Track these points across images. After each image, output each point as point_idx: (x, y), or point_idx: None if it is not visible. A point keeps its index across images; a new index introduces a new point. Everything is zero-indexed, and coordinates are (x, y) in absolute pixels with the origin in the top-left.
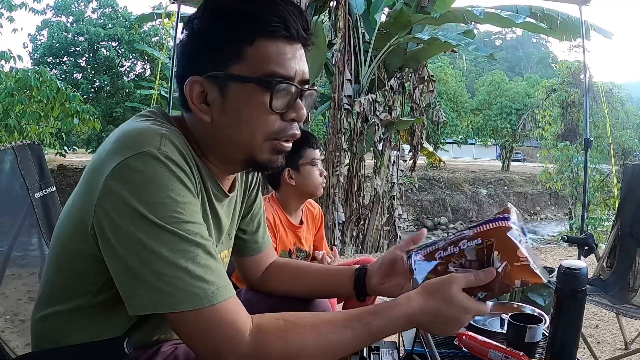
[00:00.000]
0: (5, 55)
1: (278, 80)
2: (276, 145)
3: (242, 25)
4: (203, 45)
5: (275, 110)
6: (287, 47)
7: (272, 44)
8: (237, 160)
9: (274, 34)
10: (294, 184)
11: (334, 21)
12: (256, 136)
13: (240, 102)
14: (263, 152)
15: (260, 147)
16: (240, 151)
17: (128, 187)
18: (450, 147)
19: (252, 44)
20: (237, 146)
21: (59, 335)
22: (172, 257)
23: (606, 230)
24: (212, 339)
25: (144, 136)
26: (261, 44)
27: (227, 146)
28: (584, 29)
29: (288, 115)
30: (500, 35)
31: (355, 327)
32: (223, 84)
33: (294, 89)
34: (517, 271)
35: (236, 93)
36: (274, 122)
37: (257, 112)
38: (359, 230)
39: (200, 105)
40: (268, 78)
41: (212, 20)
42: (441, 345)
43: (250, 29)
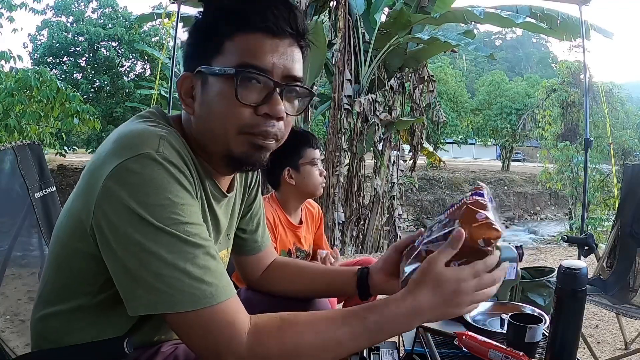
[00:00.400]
0: (5, 55)
1: (245, 70)
2: (252, 139)
3: (223, 19)
4: (193, 42)
5: (244, 101)
6: (266, 40)
7: (251, 37)
8: (217, 154)
9: (252, 28)
10: (294, 184)
11: (334, 21)
12: (227, 128)
13: (213, 94)
14: (238, 146)
15: (235, 141)
16: (217, 145)
17: (126, 189)
18: (450, 147)
19: (230, 37)
20: (213, 139)
21: (59, 335)
22: (171, 259)
23: (606, 230)
24: (211, 340)
25: (142, 138)
26: (240, 37)
27: (206, 139)
28: (584, 29)
29: (261, 109)
30: (500, 35)
31: (352, 324)
32: (205, 78)
33: (269, 82)
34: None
35: (212, 85)
36: (245, 115)
37: (226, 102)
38: (359, 230)
39: (186, 99)
40: (240, 69)
41: (201, 18)
42: (441, 345)
43: (229, 23)
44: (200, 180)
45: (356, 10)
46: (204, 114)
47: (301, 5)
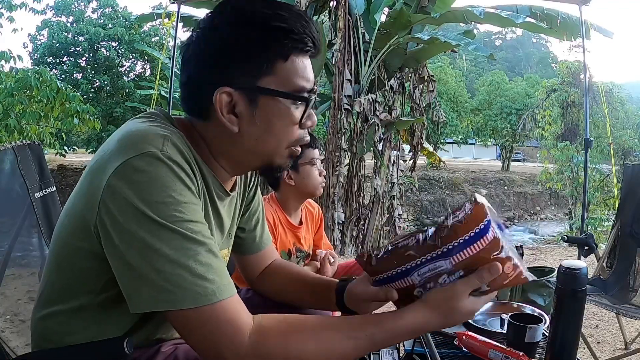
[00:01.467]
0: (5, 55)
1: (308, 96)
2: (292, 151)
3: (278, 40)
4: (232, 55)
5: (298, 121)
6: (307, 61)
7: (300, 59)
8: (253, 165)
9: (303, 51)
10: (294, 184)
11: (334, 21)
12: (281, 146)
13: (271, 115)
14: (282, 158)
15: (281, 154)
16: (262, 159)
17: (131, 187)
18: (450, 147)
19: (286, 59)
20: (259, 155)
21: (60, 335)
22: (174, 255)
23: (606, 230)
24: (213, 337)
25: (146, 137)
26: (292, 59)
27: (249, 154)
28: (584, 29)
29: (306, 124)
30: (500, 35)
31: (358, 337)
32: (253, 96)
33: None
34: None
35: (267, 106)
36: (297, 132)
37: (287, 124)
38: (359, 230)
39: (229, 116)
40: (297, 93)
41: (245, 32)
42: (441, 345)
43: (286, 45)
44: (203, 179)
45: (356, 10)
46: (257, 133)
47: (301, 5)
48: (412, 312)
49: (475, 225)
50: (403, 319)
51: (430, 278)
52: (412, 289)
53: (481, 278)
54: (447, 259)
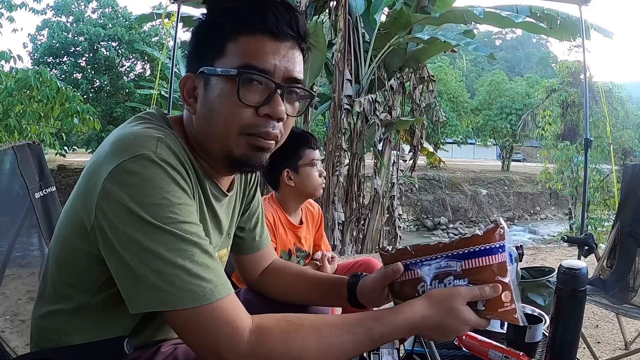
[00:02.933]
0: (5, 55)
1: (247, 71)
2: (252, 140)
3: (225, 21)
4: (196, 43)
5: (245, 102)
6: (268, 42)
7: (253, 39)
8: (218, 156)
9: (255, 30)
10: (293, 185)
11: (334, 21)
12: (228, 128)
13: (215, 94)
14: (239, 147)
15: (236, 142)
16: (218, 145)
17: (125, 190)
18: (450, 147)
19: (233, 39)
20: (214, 139)
21: (59, 334)
22: (170, 256)
23: (606, 230)
24: (211, 337)
25: (140, 140)
26: (242, 39)
27: (207, 139)
28: (584, 29)
29: (262, 110)
30: (500, 35)
31: (357, 332)
32: (207, 79)
33: (270, 84)
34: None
35: (214, 86)
36: (246, 116)
37: (228, 103)
38: (359, 230)
39: (188, 99)
40: (242, 70)
41: (204, 19)
42: (441, 345)
43: (232, 25)
44: (199, 180)
45: (356, 10)
46: (206, 114)
47: (301, 5)
48: (411, 306)
49: (492, 241)
50: (401, 313)
51: (437, 275)
52: (417, 283)
53: (482, 291)
54: (458, 262)
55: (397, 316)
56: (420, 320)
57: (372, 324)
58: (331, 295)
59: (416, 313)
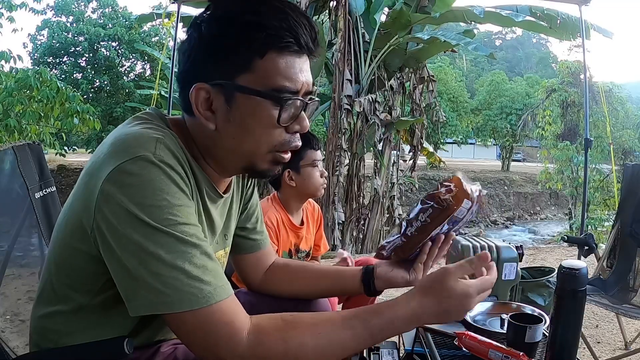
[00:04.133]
0: (5, 55)
1: (287, 97)
2: (277, 156)
3: (254, 36)
4: (211, 51)
5: (282, 124)
6: (295, 60)
7: (282, 57)
8: (236, 167)
9: (285, 48)
10: (294, 185)
11: (334, 21)
12: (260, 148)
13: (246, 114)
14: (264, 162)
15: (263, 158)
16: (242, 160)
17: (124, 191)
18: (450, 147)
19: (262, 56)
20: (239, 155)
21: (59, 335)
22: (170, 258)
23: (606, 230)
24: (210, 339)
25: (139, 141)
26: (271, 57)
27: (229, 154)
28: (584, 29)
29: (292, 127)
30: (500, 35)
31: (355, 326)
32: (229, 94)
33: (299, 102)
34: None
35: (243, 104)
36: (278, 135)
37: (264, 125)
38: (359, 230)
39: (205, 112)
40: (277, 93)
41: (222, 28)
42: (441, 345)
43: (262, 42)
44: (196, 182)
45: (356, 10)
46: (233, 132)
47: (301, 5)
48: (406, 298)
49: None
50: (398, 304)
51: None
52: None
53: (471, 263)
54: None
55: (393, 307)
56: (418, 308)
57: (369, 316)
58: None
59: (412, 302)
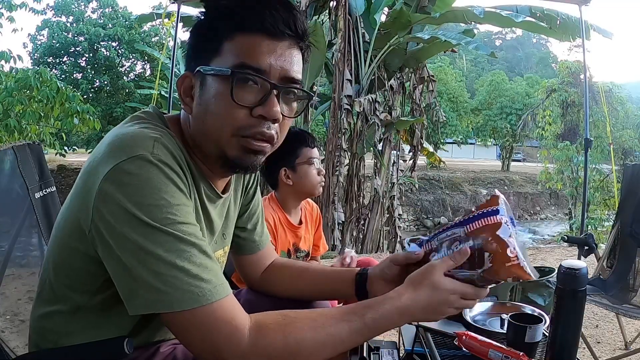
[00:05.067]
0: (5, 55)
1: (241, 71)
2: (245, 142)
3: (222, 20)
4: (193, 42)
5: (240, 102)
6: (264, 41)
7: (248, 38)
8: (212, 155)
9: (251, 29)
10: (291, 184)
11: (334, 21)
12: (223, 129)
13: (210, 94)
14: (232, 148)
15: (228, 143)
16: (212, 145)
17: (122, 191)
18: (450, 147)
19: (229, 38)
20: (208, 139)
21: (58, 335)
22: (169, 257)
23: (606, 230)
24: (211, 338)
25: (136, 140)
26: (238, 38)
27: (202, 139)
28: (584, 29)
29: (256, 110)
30: (500, 35)
31: (351, 320)
32: (203, 78)
33: (266, 84)
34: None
35: (209, 85)
36: (240, 117)
37: (222, 103)
38: (359, 230)
39: (185, 99)
40: (236, 70)
41: (201, 18)
42: (441, 345)
43: (228, 24)
44: (194, 181)
45: (356, 10)
46: (201, 114)
47: (301, 5)
48: (397, 291)
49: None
50: (389, 298)
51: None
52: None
53: (454, 258)
54: (462, 227)
55: (386, 302)
56: (409, 302)
57: (364, 310)
58: (336, 288)
59: (402, 297)
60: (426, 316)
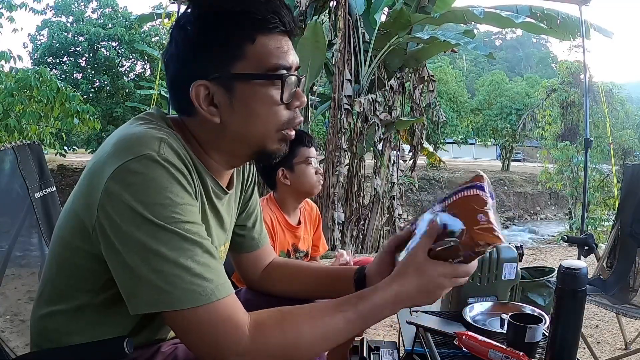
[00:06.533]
0: (5, 55)
1: (285, 74)
2: (284, 134)
3: (242, 24)
4: (202, 48)
5: (285, 101)
6: (282, 40)
7: (270, 40)
8: (245, 154)
9: (272, 30)
10: (289, 184)
11: (334, 21)
12: (269, 129)
13: (250, 99)
14: (273, 142)
15: (272, 139)
16: (253, 145)
17: (128, 190)
18: (450, 147)
19: (253, 41)
20: (249, 141)
21: (59, 335)
22: (172, 256)
23: (606, 230)
24: (212, 337)
25: (143, 140)
26: (261, 40)
27: (239, 143)
28: (584, 29)
29: (294, 104)
30: (500, 35)
31: (346, 310)
32: (228, 84)
33: (295, 78)
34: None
35: (244, 91)
36: (285, 113)
37: (268, 106)
38: (359, 230)
39: (208, 108)
40: (273, 72)
41: (209, 22)
42: (441, 345)
43: (250, 27)
44: (200, 180)
45: (356, 10)
46: (241, 120)
47: (301, 5)
48: (387, 280)
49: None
50: (381, 288)
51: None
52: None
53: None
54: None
55: (376, 291)
56: (398, 290)
57: (356, 301)
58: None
59: (392, 285)
60: (419, 301)
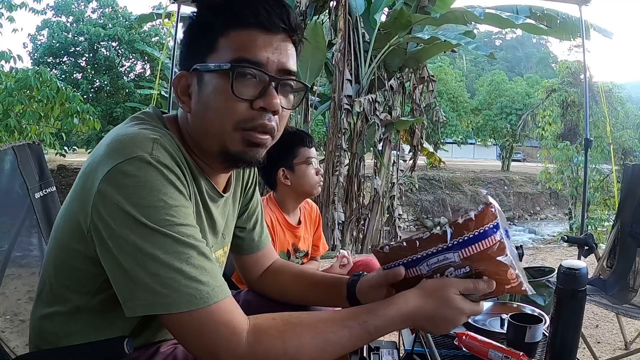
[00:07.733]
0: (5, 55)
1: (240, 65)
2: (248, 135)
3: (215, 17)
4: (188, 41)
5: (240, 96)
6: (260, 35)
7: (244, 33)
8: (213, 152)
9: (245, 24)
10: (290, 184)
11: (334, 21)
12: (224, 124)
13: (209, 90)
14: (234, 143)
15: (231, 137)
16: (214, 141)
17: (121, 192)
18: (450, 147)
19: (224, 34)
20: (209, 136)
21: (58, 336)
22: (167, 259)
23: (606, 230)
24: (208, 340)
25: (135, 141)
26: (233, 34)
27: (202, 137)
28: (584, 29)
29: (257, 103)
30: (500, 35)
31: (352, 327)
32: (200, 75)
33: (264, 76)
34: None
35: (207, 82)
36: (241, 110)
37: (222, 98)
38: (359, 230)
39: (182, 97)
40: (234, 64)
41: (193, 17)
42: (441, 345)
43: (222, 20)
44: (195, 181)
45: (356, 10)
46: (200, 111)
47: (301, 5)
48: (405, 297)
49: (484, 223)
50: (395, 304)
51: (438, 269)
52: (419, 280)
53: (476, 285)
54: (455, 252)
55: (390, 307)
56: (415, 310)
57: (366, 317)
58: (330, 295)
59: (410, 304)
60: (428, 326)
